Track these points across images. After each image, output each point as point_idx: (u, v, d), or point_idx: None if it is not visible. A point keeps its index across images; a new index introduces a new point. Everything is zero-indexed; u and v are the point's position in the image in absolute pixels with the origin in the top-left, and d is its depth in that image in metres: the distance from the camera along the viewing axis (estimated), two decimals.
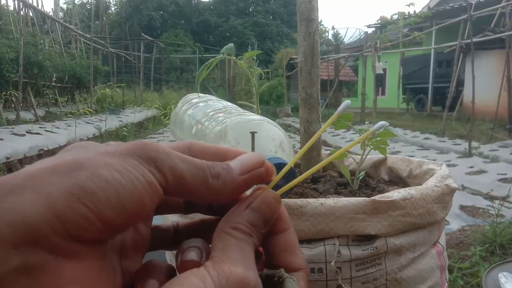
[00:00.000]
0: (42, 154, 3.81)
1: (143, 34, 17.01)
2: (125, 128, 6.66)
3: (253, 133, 0.31)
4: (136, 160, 0.19)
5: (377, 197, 0.45)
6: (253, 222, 0.22)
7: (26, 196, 0.16)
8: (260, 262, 0.24)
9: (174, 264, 0.23)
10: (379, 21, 14.11)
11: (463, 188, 2.91)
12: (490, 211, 2.27)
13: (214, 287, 0.18)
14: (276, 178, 0.26)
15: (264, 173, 0.24)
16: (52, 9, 13.91)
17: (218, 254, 0.20)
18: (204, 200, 0.22)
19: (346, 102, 0.29)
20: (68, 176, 0.17)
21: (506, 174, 3.27)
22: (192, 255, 0.22)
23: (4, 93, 6.41)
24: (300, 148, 0.78)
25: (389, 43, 9.01)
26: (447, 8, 10.72)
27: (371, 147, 0.65)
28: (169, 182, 0.20)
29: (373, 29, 14.71)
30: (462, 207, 2.40)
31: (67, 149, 0.21)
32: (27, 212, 0.16)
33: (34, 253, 0.16)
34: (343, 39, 20.19)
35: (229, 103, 0.75)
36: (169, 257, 0.54)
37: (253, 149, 0.30)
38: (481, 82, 6.25)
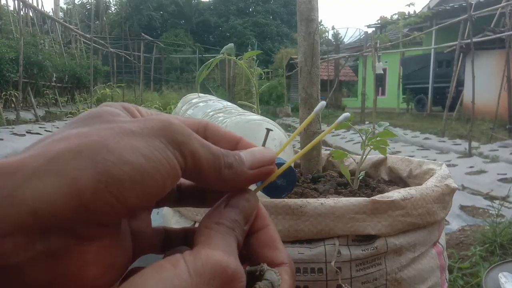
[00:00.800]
0: None
1: (143, 34, 17.01)
2: None
3: (268, 130, 0.31)
4: (161, 142, 0.19)
5: (377, 197, 0.45)
6: (234, 218, 0.22)
7: (50, 180, 0.16)
8: (245, 264, 0.24)
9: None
10: (379, 21, 14.10)
11: (463, 188, 2.91)
12: (490, 211, 2.27)
13: (187, 271, 0.17)
14: (271, 176, 0.27)
15: (272, 171, 0.24)
16: (52, 9, 13.91)
17: (199, 245, 0.20)
18: (213, 187, 0.22)
19: (345, 114, 0.29)
20: (94, 160, 0.16)
21: (506, 174, 3.27)
22: None
23: (4, 93, 6.41)
24: (300, 148, 0.78)
25: (389, 43, 9.00)
26: (447, 8, 10.72)
27: (371, 147, 0.65)
28: (188, 166, 0.20)
29: (373, 29, 14.70)
30: (462, 207, 2.40)
31: (85, 119, 0.20)
32: (52, 199, 0.15)
33: (58, 239, 0.16)
34: (343, 39, 20.18)
35: (229, 103, 0.75)
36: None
37: (264, 144, 0.30)
38: (481, 82, 6.25)
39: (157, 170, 0.18)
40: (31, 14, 9.32)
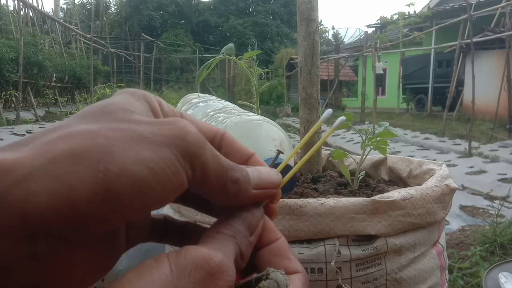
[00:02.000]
0: None
1: (143, 34, 17.01)
2: None
3: (279, 151, 0.30)
4: (172, 153, 0.18)
5: (377, 197, 0.45)
6: (236, 228, 0.21)
7: (45, 185, 0.15)
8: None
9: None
10: (379, 21, 14.11)
11: (463, 188, 2.91)
12: (490, 211, 2.27)
13: (169, 265, 0.17)
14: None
15: (275, 195, 0.24)
16: (52, 9, 13.90)
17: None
18: (213, 199, 0.22)
19: (341, 118, 0.29)
20: (94, 168, 0.16)
21: (506, 174, 3.27)
22: None
23: (4, 93, 6.41)
24: (300, 148, 0.78)
25: (389, 43, 9.00)
26: (447, 8, 10.72)
27: (371, 147, 0.65)
28: (195, 178, 0.19)
29: (373, 29, 14.70)
30: (462, 207, 2.40)
31: (96, 113, 0.19)
32: (44, 205, 0.15)
33: (46, 243, 0.16)
34: (343, 39, 20.16)
35: (229, 103, 0.75)
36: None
37: (273, 164, 0.29)
38: (481, 82, 6.26)
39: (160, 185, 0.17)
40: (31, 14, 9.32)
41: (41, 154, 0.16)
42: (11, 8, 8.92)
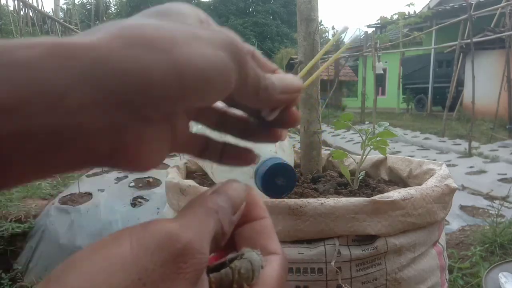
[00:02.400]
0: None
1: None
2: None
3: (298, 63, 0.32)
4: (227, 56, 0.20)
5: (377, 197, 0.45)
6: (219, 204, 0.21)
7: (124, 64, 0.17)
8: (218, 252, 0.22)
9: None
10: (379, 21, 14.11)
11: (463, 188, 2.91)
12: (490, 211, 2.27)
13: (129, 241, 0.15)
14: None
15: (297, 99, 0.26)
16: (52, 9, 13.88)
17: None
18: (246, 103, 0.24)
19: (357, 33, 0.29)
20: (167, 53, 0.18)
21: (506, 174, 3.27)
22: None
23: None
24: (301, 148, 0.78)
25: (389, 43, 9.00)
26: (447, 8, 10.72)
27: (371, 147, 0.65)
28: (238, 83, 0.21)
29: (373, 29, 14.69)
30: (462, 207, 2.40)
31: (155, 14, 0.21)
32: (125, 83, 0.16)
33: (124, 115, 0.17)
34: (343, 39, 20.14)
35: None
36: None
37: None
38: (481, 82, 6.25)
39: (218, 78, 0.19)
40: (31, 14, 9.32)
41: (119, 37, 0.17)
42: (11, 8, 8.91)
